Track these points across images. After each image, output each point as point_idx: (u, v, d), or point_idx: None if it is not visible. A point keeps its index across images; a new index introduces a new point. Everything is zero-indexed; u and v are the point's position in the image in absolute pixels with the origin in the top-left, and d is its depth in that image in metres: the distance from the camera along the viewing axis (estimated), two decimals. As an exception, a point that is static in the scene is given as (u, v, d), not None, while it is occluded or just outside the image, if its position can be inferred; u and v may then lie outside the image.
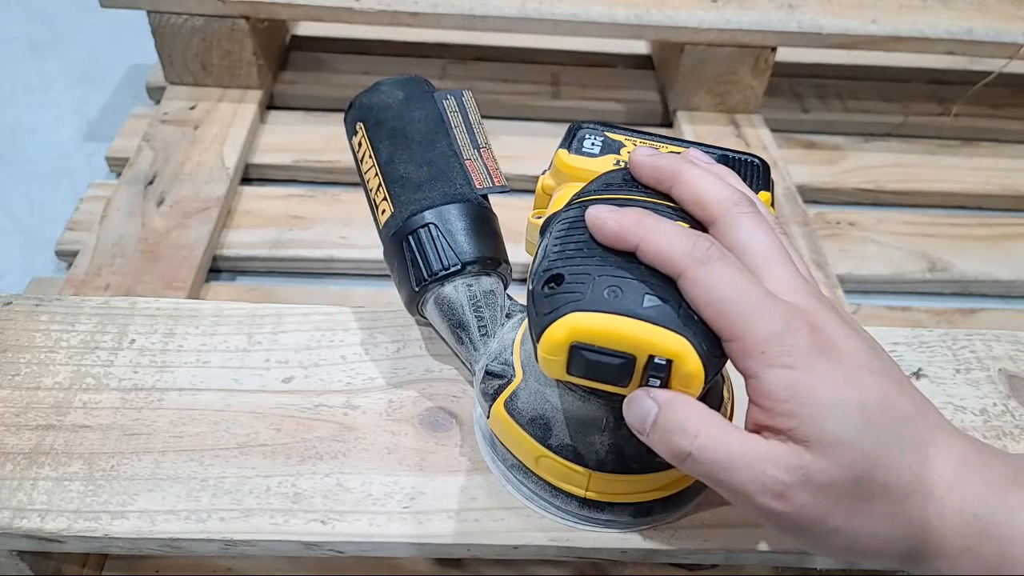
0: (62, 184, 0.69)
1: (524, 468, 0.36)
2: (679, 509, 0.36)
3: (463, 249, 0.38)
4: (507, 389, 0.36)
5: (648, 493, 0.35)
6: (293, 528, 0.35)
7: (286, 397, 0.40)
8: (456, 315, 0.38)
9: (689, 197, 0.31)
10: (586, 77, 0.81)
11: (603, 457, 0.34)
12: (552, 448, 0.34)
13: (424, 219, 0.39)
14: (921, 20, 0.71)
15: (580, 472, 0.34)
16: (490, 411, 0.36)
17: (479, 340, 0.38)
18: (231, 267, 0.62)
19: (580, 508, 0.35)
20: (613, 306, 0.28)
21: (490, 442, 0.38)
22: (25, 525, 0.34)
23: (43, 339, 0.42)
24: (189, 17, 0.67)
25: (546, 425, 0.34)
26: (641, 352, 0.28)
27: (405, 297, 0.40)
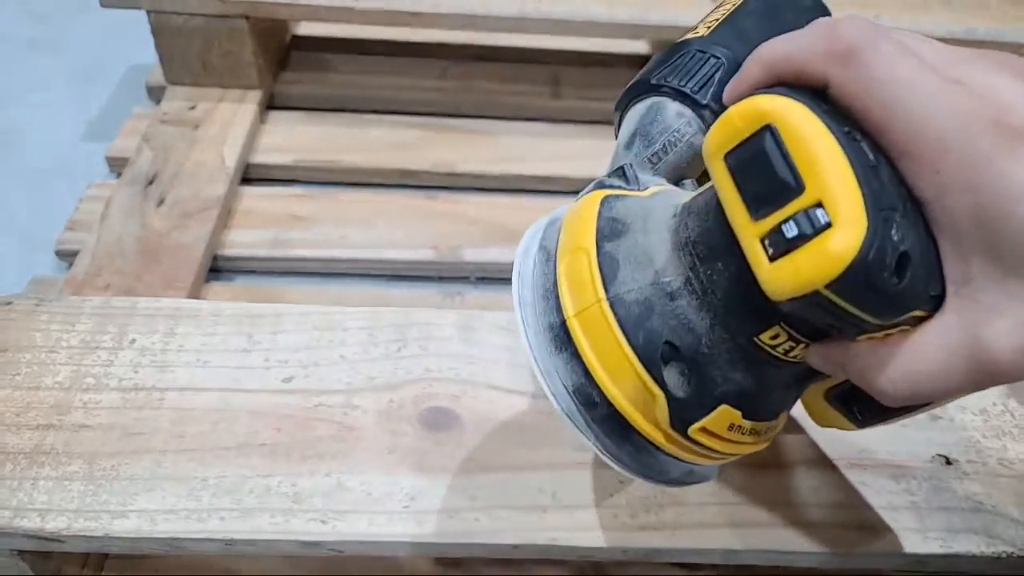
0: (62, 184, 0.69)
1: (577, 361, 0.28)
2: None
3: (717, 96, 0.32)
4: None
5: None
6: (293, 528, 0.35)
7: (286, 397, 0.40)
8: (652, 128, 0.33)
9: (790, 72, 0.24)
10: (586, 77, 0.81)
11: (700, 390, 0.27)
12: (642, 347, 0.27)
13: (721, 52, 0.33)
14: (922, 19, 0.71)
15: (659, 400, 0.27)
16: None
17: (643, 161, 0.33)
18: (231, 267, 0.62)
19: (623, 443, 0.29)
20: (825, 118, 0.22)
21: (543, 293, 0.29)
22: (25, 525, 0.34)
23: (43, 339, 0.42)
24: (189, 17, 0.67)
25: (648, 307, 0.27)
26: (819, 188, 0.22)
27: (639, 80, 0.35)
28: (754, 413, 0.28)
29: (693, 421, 0.27)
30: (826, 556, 0.37)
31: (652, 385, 0.27)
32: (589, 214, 0.29)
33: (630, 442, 0.29)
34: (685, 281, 0.27)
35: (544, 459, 0.38)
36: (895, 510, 0.38)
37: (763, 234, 0.23)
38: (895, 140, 0.22)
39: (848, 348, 0.25)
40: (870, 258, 0.21)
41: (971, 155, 0.21)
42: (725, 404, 0.27)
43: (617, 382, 0.27)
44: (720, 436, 0.28)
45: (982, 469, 0.40)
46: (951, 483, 0.39)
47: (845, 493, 0.39)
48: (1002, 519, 0.38)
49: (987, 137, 0.21)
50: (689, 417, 0.27)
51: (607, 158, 0.37)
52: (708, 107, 0.33)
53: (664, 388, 0.27)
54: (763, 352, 0.27)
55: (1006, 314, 0.22)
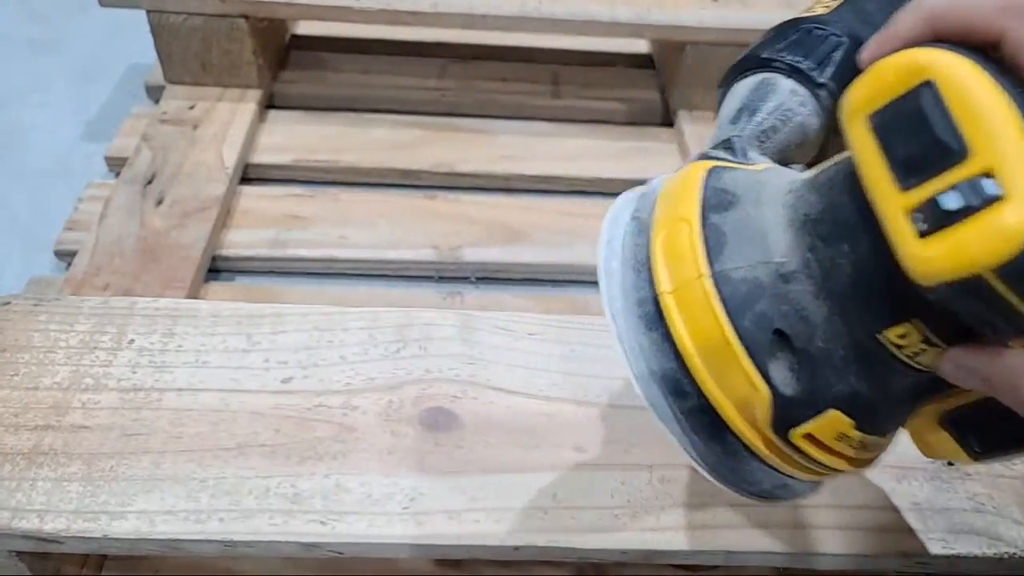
0: (61, 184, 0.69)
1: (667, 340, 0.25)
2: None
3: (836, 76, 0.31)
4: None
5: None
6: (293, 529, 0.35)
7: (285, 397, 0.40)
8: (761, 105, 0.31)
9: (956, 25, 0.22)
10: (586, 76, 0.80)
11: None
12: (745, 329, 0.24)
13: (842, 31, 0.31)
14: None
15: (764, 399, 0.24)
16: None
17: (749, 137, 0.30)
18: (230, 267, 0.62)
19: (725, 454, 0.26)
20: (996, 76, 0.20)
21: (634, 265, 0.26)
22: (24, 526, 0.34)
23: (42, 339, 0.42)
24: (188, 16, 0.67)
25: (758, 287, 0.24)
26: (989, 154, 0.19)
27: (748, 55, 0.33)
28: (866, 424, 0.25)
29: (798, 424, 0.24)
30: (827, 557, 0.37)
31: (756, 377, 0.23)
32: (692, 183, 0.26)
33: (720, 442, 0.25)
34: (803, 263, 0.24)
35: (544, 460, 0.38)
36: (897, 511, 0.38)
37: (913, 206, 0.19)
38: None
39: (996, 354, 0.22)
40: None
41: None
42: (836, 409, 0.24)
43: (714, 370, 0.24)
44: (826, 446, 0.25)
45: (984, 470, 0.40)
46: (953, 484, 0.39)
47: (847, 494, 0.38)
48: (1004, 520, 0.38)
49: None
50: (794, 419, 0.24)
51: (607, 158, 0.36)
52: (825, 87, 0.30)
53: (769, 382, 0.23)
54: (885, 353, 0.23)
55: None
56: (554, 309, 0.59)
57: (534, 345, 0.43)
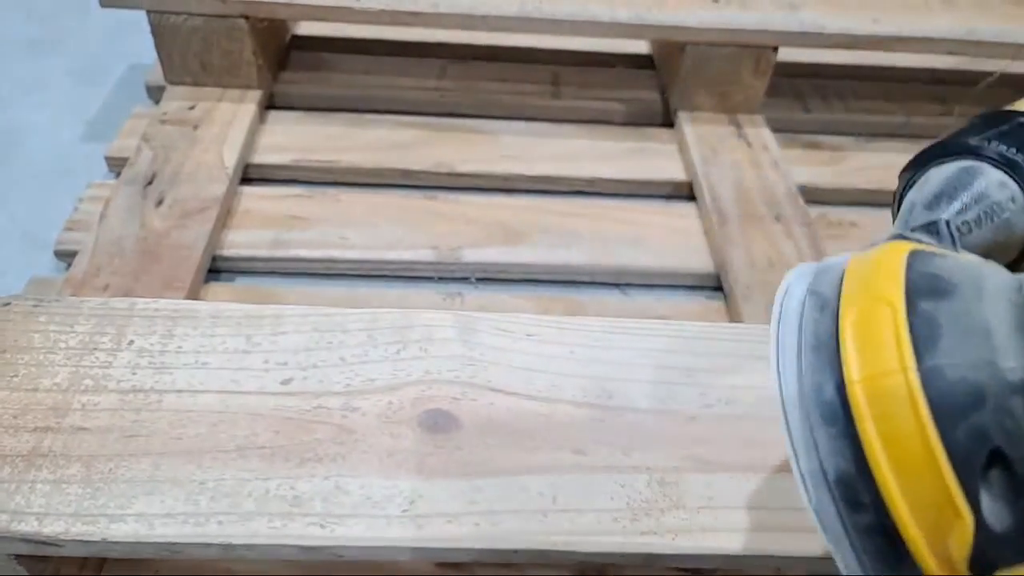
0: (61, 184, 0.69)
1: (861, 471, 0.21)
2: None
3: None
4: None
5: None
6: (292, 532, 0.35)
7: (285, 399, 0.40)
8: (964, 194, 0.28)
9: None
10: (586, 77, 0.80)
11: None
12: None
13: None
14: (923, 20, 0.71)
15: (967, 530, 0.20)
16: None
17: (945, 230, 0.27)
18: (230, 267, 0.62)
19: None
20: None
21: (815, 344, 0.23)
22: (23, 528, 0.34)
23: (41, 340, 0.42)
24: (188, 17, 0.67)
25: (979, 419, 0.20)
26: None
27: (950, 140, 0.31)
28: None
29: (1001, 566, 0.20)
30: (828, 561, 0.37)
31: (960, 501, 0.20)
32: (893, 264, 0.22)
33: (896, 570, 0.21)
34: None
35: (544, 462, 0.38)
36: (897, 513, 0.38)
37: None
38: None
39: None
40: None
41: None
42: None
43: (905, 484, 0.20)
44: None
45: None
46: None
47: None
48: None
49: None
50: (998, 559, 0.20)
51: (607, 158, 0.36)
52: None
53: (976, 510, 0.20)
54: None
55: None
56: (554, 310, 0.59)
57: (534, 346, 0.43)
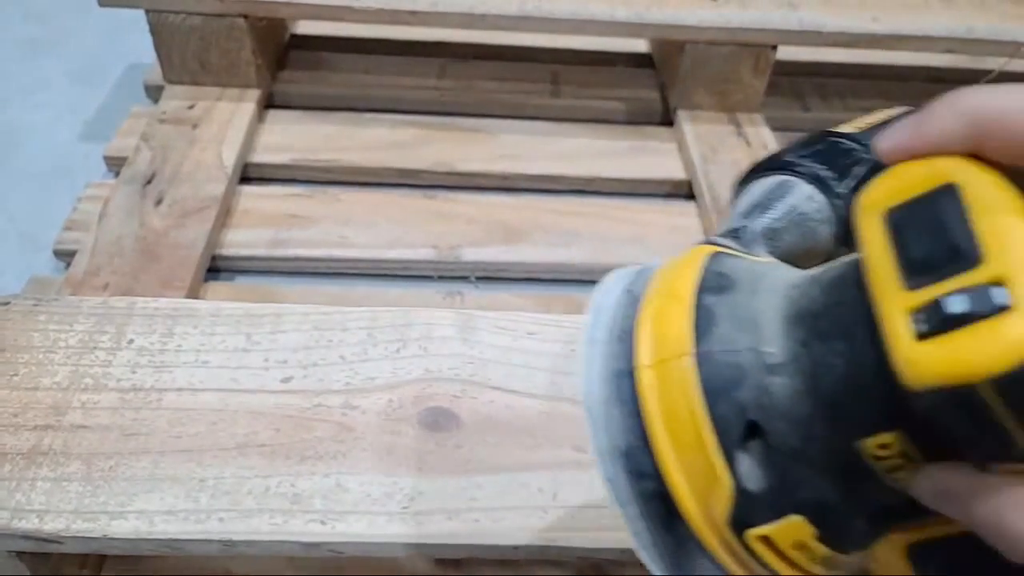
0: (60, 184, 0.69)
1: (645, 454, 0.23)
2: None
3: (855, 190, 0.30)
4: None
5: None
6: (292, 529, 0.35)
7: (285, 397, 0.40)
8: (776, 204, 0.31)
9: (1001, 132, 0.20)
10: (586, 76, 0.80)
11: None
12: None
13: (867, 151, 0.31)
14: (922, 19, 0.71)
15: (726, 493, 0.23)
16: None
17: (758, 234, 0.30)
18: (230, 267, 0.62)
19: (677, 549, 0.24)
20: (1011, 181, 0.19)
21: (619, 335, 0.25)
22: (24, 526, 0.34)
23: (41, 339, 0.42)
24: (187, 16, 0.67)
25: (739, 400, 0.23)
26: (1003, 264, 0.18)
27: (773, 156, 0.33)
28: (830, 537, 0.23)
29: (756, 524, 0.23)
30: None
31: (721, 467, 0.22)
32: (692, 264, 0.25)
33: (671, 532, 0.24)
34: (792, 356, 0.23)
35: (544, 459, 0.38)
36: (896, 510, 0.38)
37: (915, 307, 0.19)
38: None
39: (978, 478, 0.20)
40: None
41: None
42: (799, 515, 0.22)
43: (679, 454, 0.23)
44: (781, 552, 0.23)
45: (983, 469, 0.40)
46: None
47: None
48: (1004, 519, 0.38)
49: None
50: (753, 519, 0.23)
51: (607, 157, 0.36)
52: (842, 197, 0.30)
53: (734, 474, 0.22)
54: (862, 463, 0.22)
55: None
56: (554, 308, 0.59)
57: (534, 344, 0.43)
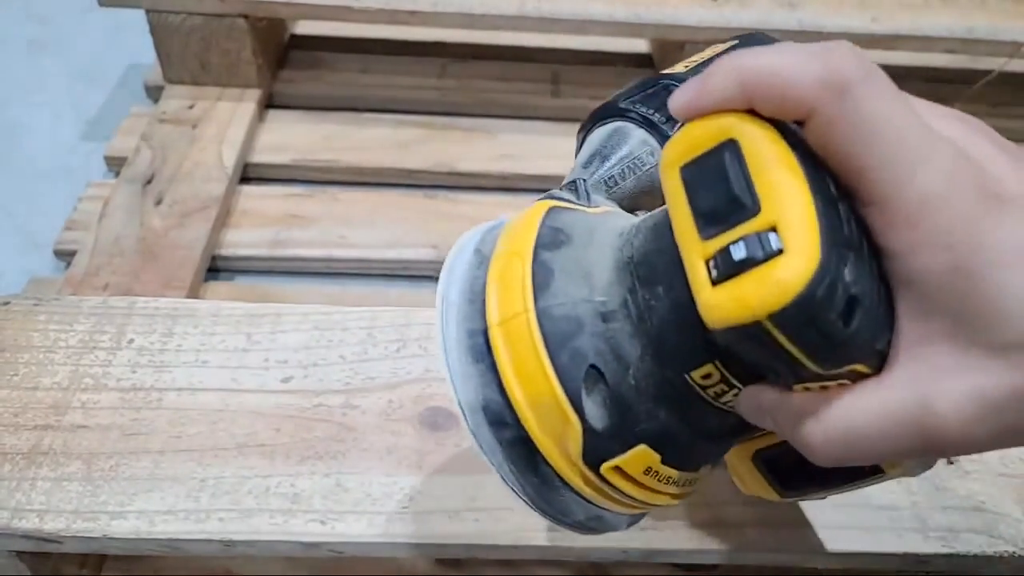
0: (60, 183, 0.69)
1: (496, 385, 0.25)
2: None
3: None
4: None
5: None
6: (292, 528, 0.35)
7: (285, 397, 0.40)
8: (613, 152, 0.32)
9: (771, 93, 0.21)
10: (586, 75, 0.80)
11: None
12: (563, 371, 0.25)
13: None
14: (921, 18, 0.71)
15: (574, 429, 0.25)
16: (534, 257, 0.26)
17: (597, 182, 0.31)
18: (230, 267, 0.62)
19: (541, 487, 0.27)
20: (792, 143, 0.21)
21: (470, 296, 0.27)
22: (24, 526, 0.34)
23: (41, 339, 0.42)
24: (188, 16, 0.67)
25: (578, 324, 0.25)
26: (774, 211, 0.20)
27: (607, 103, 0.34)
28: (674, 459, 0.26)
29: (607, 458, 0.25)
30: (826, 556, 0.37)
31: (569, 411, 0.24)
32: (531, 221, 0.27)
33: (537, 473, 0.26)
34: (622, 303, 0.25)
35: (544, 459, 0.38)
36: (896, 510, 0.38)
37: (709, 255, 0.21)
38: (873, 187, 0.21)
39: (781, 397, 0.23)
40: (819, 293, 0.19)
41: (953, 214, 0.20)
42: (644, 444, 0.25)
43: (532, 403, 0.25)
44: (634, 479, 0.26)
45: (983, 468, 0.40)
46: (952, 482, 0.39)
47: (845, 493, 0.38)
48: (1004, 518, 0.38)
49: (971, 199, 0.20)
50: (604, 453, 0.25)
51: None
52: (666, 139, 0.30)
53: (581, 416, 0.24)
54: (692, 392, 0.25)
55: (962, 381, 0.20)
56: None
57: (534, 344, 0.43)
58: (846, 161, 0.21)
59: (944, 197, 0.20)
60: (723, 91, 0.21)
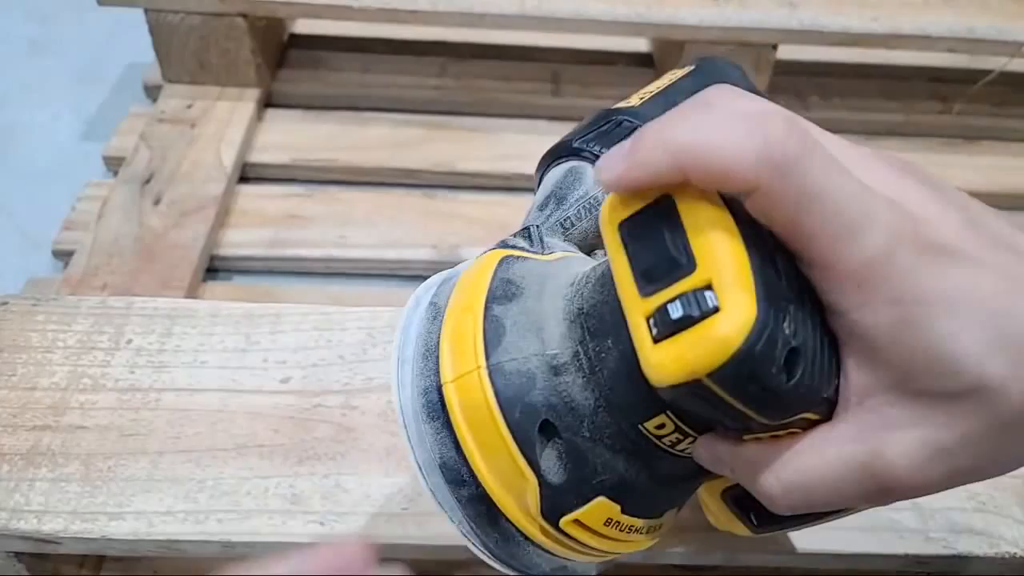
0: (59, 183, 0.69)
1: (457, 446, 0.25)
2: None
3: None
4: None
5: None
6: (291, 529, 0.35)
7: (284, 397, 0.40)
8: (568, 193, 0.32)
9: (711, 171, 0.20)
10: (587, 75, 0.80)
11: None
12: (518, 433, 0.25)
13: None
14: (922, 18, 0.71)
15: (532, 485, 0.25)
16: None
17: (554, 225, 0.32)
18: (228, 267, 0.61)
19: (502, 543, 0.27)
20: (728, 200, 0.21)
21: (424, 352, 0.26)
22: (22, 526, 0.34)
23: (40, 339, 0.41)
24: (186, 15, 0.67)
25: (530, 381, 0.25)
26: (709, 268, 0.20)
27: (561, 142, 0.34)
28: (635, 508, 0.26)
29: (566, 512, 0.25)
30: (827, 557, 0.37)
31: (524, 467, 0.24)
32: (484, 273, 0.27)
33: (497, 528, 0.26)
34: (573, 355, 0.25)
35: (544, 460, 0.38)
36: (897, 510, 0.38)
37: (649, 312, 0.21)
38: (816, 253, 0.21)
39: (735, 446, 0.23)
40: (757, 349, 0.19)
41: (896, 271, 0.20)
42: (603, 496, 0.25)
43: (488, 460, 0.25)
44: (595, 531, 0.26)
45: (985, 469, 0.40)
46: (953, 483, 0.39)
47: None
48: (1005, 520, 0.38)
49: (912, 253, 0.20)
50: (562, 507, 0.25)
51: (606, 156, 0.36)
52: None
53: (537, 472, 0.24)
54: (648, 442, 0.24)
55: (911, 430, 0.21)
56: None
57: (534, 345, 0.43)
58: (788, 228, 0.21)
59: (886, 256, 0.20)
60: (655, 166, 0.21)
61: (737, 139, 0.20)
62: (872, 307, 0.21)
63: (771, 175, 0.19)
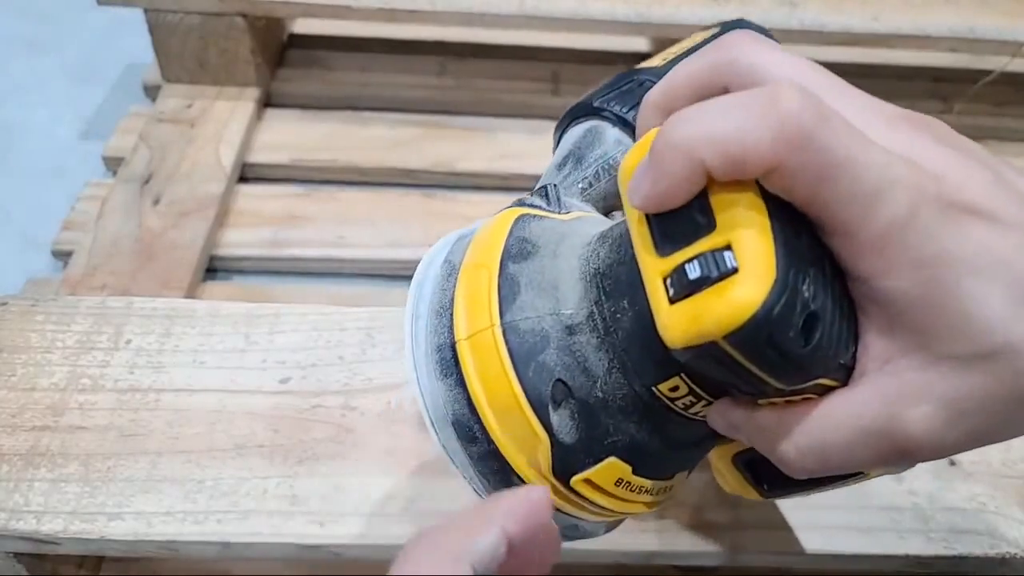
0: (58, 183, 0.69)
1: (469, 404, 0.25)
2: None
3: None
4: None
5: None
6: (291, 530, 0.35)
7: (283, 398, 0.40)
8: (587, 152, 0.32)
9: (729, 163, 0.20)
10: (586, 74, 0.80)
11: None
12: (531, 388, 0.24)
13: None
14: (923, 18, 0.71)
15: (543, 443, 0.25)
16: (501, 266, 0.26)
17: (572, 185, 0.31)
18: (228, 267, 0.61)
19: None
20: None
21: (438, 309, 0.26)
22: (21, 527, 0.34)
23: (39, 339, 0.41)
24: (186, 15, 0.67)
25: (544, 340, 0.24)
26: (729, 228, 0.20)
27: (581, 102, 0.35)
28: (646, 469, 0.26)
29: (577, 471, 0.25)
30: (827, 557, 0.37)
31: (537, 426, 0.24)
32: (499, 231, 0.27)
33: (508, 485, 0.26)
34: (588, 316, 0.24)
35: (544, 460, 0.38)
36: (898, 511, 0.38)
37: (666, 272, 0.20)
38: (837, 221, 0.20)
39: (749, 411, 0.23)
40: (775, 312, 0.19)
41: (919, 234, 0.20)
42: (614, 456, 0.25)
43: (501, 418, 0.25)
44: (605, 491, 0.26)
45: (986, 469, 0.40)
46: (954, 484, 0.39)
47: (846, 494, 0.38)
48: (1006, 520, 0.38)
49: (934, 214, 0.20)
50: (573, 466, 0.25)
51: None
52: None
53: (549, 431, 0.24)
54: (661, 404, 0.24)
55: (930, 395, 0.21)
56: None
57: (533, 345, 0.43)
58: (808, 200, 0.20)
59: (908, 220, 0.20)
60: (677, 173, 0.20)
61: (751, 125, 0.19)
62: (896, 271, 0.20)
63: (789, 153, 0.19)
